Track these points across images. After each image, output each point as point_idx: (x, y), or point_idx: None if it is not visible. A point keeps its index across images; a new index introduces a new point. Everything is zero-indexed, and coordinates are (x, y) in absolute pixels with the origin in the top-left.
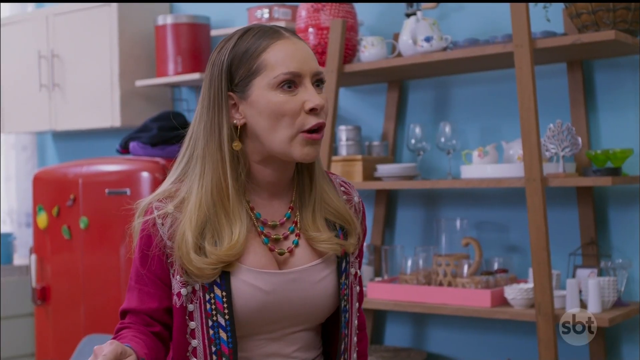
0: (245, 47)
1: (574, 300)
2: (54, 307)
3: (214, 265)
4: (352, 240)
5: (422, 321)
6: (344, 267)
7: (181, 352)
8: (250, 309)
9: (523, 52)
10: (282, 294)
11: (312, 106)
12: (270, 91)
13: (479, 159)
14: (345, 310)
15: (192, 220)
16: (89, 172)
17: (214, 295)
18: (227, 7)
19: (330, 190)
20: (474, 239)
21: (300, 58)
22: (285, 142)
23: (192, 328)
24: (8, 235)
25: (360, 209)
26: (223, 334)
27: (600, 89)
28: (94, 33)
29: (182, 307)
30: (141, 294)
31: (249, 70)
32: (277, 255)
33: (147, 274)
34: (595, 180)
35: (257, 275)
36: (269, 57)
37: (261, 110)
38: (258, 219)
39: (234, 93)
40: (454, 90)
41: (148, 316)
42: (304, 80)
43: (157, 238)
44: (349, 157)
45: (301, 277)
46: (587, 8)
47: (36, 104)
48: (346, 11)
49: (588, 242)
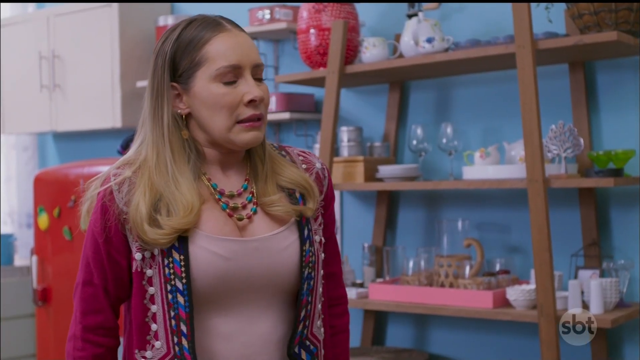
0: (188, 38)
1: (576, 302)
2: (55, 308)
3: (168, 235)
4: (311, 205)
5: (423, 322)
6: (306, 234)
7: (140, 317)
8: (209, 275)
9: (525, 53)
10: (242, 261)
11: (251, 98)
12: (211, 83)
13: (481, 160)
14: (310, 277)
15: (146, 194)
16: (91, 173)
17: (172, 260)
18: (228, 8)
19: (282, 160)
20: (475, 240)
21: (241, 50)
22: (224, 132)
23: (151, 293)
24: (9, 236)
25: (324, 175)
26: (181, 298)
27: (602, 90)
28: (95, 34)
29: (140, 272)
30: (99, 266)
31: (192, 62)
32: (237, 221)
33: (103, 246)
34: (597, 182)
35: (216, 242)
36: (210, 50)
37: (202, 101)
38: (215, 189)
39: (178, 84)
40: (455, 91)
41: (105, 292)
42: (244, 72)
43: (113, 206)
44: (350, 158)
45: (263, 245)
46: (589, 9)
47: (37, 105)
48: (347, 12)
49: (590, 243)
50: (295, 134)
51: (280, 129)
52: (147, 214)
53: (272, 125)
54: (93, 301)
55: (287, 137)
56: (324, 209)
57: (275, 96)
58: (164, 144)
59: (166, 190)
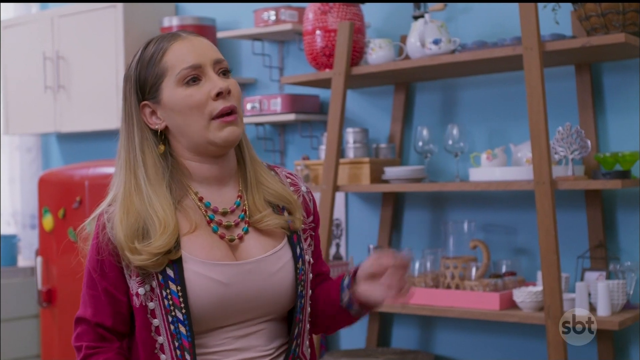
0: (149, 55)
1: (583, 304)
2: (60, 309)
3: (150, 259)
4: (297, 215)
5: (429, 324)
6: (299, 252)
7: (148, 350)
8: (206, 301)
9: (532, 55)
10: (239, 285)
11: (217, 91)
12: (177, 88)
13: (488, 162)
14: (301, 296)
15: (123, 221)
16: (96, 175)
17: (170, 291)
18: (233, 9)
19: (268, 174)
20: (481, 242)
21: (198, 51)
22: (202, 132)
23: (155, 325)
24: (12, 237)
25: (310, 198)
26: (182, 328)
27: (608, 91)
28: (99, 34)
29: (143, 306)
30: (95, 302)
31: (155, 75)
32: (229, 242)
33: (99, 282)
34: (605, 184)
35: (211, 267)
36: (169, 59)
37: (173, 108)
38: (208, 207)
39: (149, 101)
40: (460, 93)
41: (102, 328)
42: (205, 70)
43: (105, 241)
44: (356, 159)
45: (257, 267)
46: (597, 10)
47: (41, 106)
48: (353, 13)
49: (596, 245)
50: (300, 135)
51: (285, 130)
52: (126, 242)
53: (277, 126)
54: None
55: (292, 138)
56: (313, 230)
57: (280, 97)
58: (137, 165)
59: (143, 210)
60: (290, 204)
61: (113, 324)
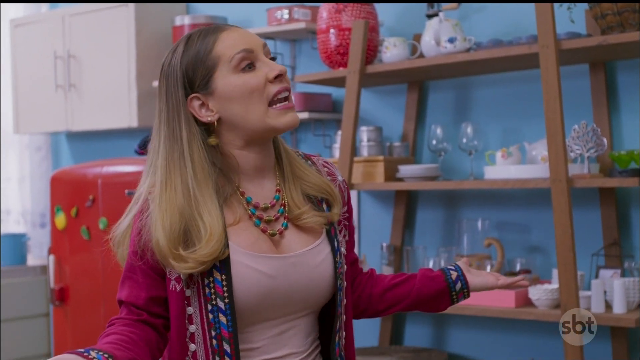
0: (195, 50)
1: (599, 301)
2: (72, 308)
3: (197, 267)
4: (336, 210)
5: (443, 321)
6: (336, 246)
7: (181, 338)
8: (252, 293)
9: (549, 53)
10: (284, 277)
11: (276, 73)
12: (232, 76)
13: (503, 160)
14: (340, 289)
15: (165, 226)
16: (109, 173)
17: (213, 279)
18: (245, 7)
19: (305, 167)
20: (496, 240)
21: (247, 38)
22: (262, 118)
23: (189, 313)
24: (22, 235)
25: (345, 187)
26: (223, 317)
27: (622, 90)
28: (110, 33)
29: (179, 291)
30: (131, 283)
31: (206, 68)
32: (270, 236)
33: (139, 265)
34: (621, 181)
35: (257, 259)
36: (219, 49)
37: (230, 97)
38: (249, 202)
39: (199, 93)
40: (474, 91)
41: (135, 307)
42: (258, 55)
43: (144, 243)
44: (370, 157)
45: (300, 261)
46: (613, 9)
47: (52, 105)
48: (367, 12)
49: (611, 243)
50: (313, 133)
51: (298, 128)
52: (169, 248)
53: None
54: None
55: (304, 136)
56: (347, 220)
57: (293, 96)
58: (184, 163)
59: (187, 212)
60: (329, 195)
61: (145, 304)
